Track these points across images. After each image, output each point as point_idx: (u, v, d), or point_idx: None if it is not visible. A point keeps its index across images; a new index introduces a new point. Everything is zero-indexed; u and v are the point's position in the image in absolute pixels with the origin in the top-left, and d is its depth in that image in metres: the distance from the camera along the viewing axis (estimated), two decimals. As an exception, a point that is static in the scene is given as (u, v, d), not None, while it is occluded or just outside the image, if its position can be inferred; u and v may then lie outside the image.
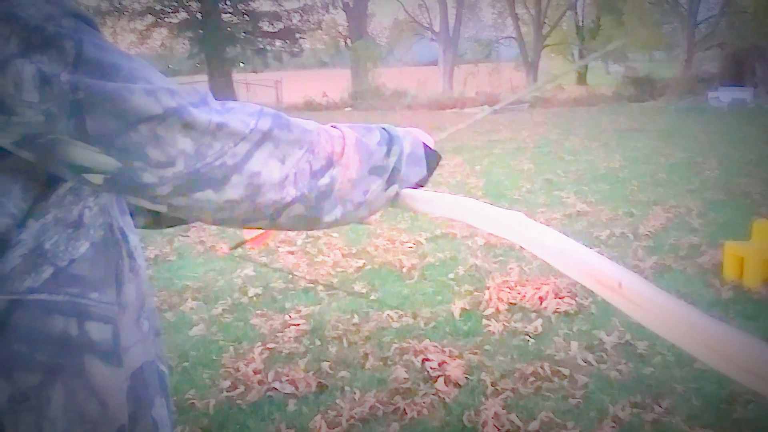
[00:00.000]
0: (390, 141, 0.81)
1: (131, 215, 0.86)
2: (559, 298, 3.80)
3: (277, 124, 0.69)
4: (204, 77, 25.73)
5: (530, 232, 0.70)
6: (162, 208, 0.68)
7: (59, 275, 0.69)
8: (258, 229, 0.99)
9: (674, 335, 0.51)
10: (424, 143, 0.89)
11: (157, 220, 1.07)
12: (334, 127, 0.78)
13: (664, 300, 0.53)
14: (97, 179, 0.64)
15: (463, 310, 3.80)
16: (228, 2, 25.80)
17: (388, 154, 0.80)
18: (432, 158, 0.91)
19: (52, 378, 0.70)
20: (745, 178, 7.38)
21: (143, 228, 1.00)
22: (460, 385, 2.96)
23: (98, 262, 0.73)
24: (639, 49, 33.11)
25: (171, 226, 1.14)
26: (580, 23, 34.03)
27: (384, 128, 0.83)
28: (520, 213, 0.72)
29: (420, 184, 0.91)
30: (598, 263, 0.61)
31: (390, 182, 0.80)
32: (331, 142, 0.74)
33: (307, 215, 0.73)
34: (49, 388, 0.69)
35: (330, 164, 0.73)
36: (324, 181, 0.72)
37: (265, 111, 0.69)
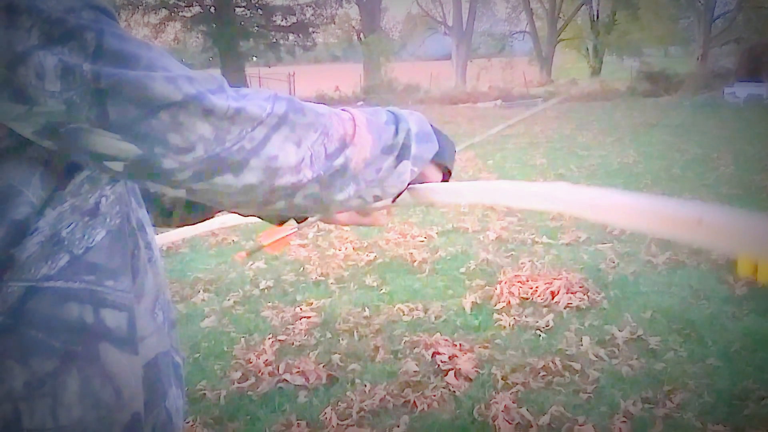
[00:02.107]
0: (396, 120, 0.82)
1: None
2: (571, 293, 3.78)
3: (292, 108, 0.70)
4: (217, 71, 25.82)
5: (581, 196, 0.67)
6: (181, 193, 0.69)
7: (75, 263, 0.70)
8: (273, 219, 1.00)
9: None
10: (432, 126, 0.90)
11: (167, 219, 1.08)
12: (343, 110, 0.79)
13: (752, 222, 0.52)
14: (117, 166, 0.65)
15: (474, 304, 3.79)
16: (241, -4, 25.84)
17: (396, 132, 0.80)
18: (446, 142, 0.91)
19: (68, 365, 0.70)
20: (760, 173, 7.31)
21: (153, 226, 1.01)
22: (470, 378, 2.95)
23: (114, 250, 0.74)
24: (654, 43, 32.87)
25: (181, 226, 1.15)
26: (595, 18, 33.74)
27: (389, 110, 0.85)
28: (564, 183, 0.70)
29: (445, 166, 0.93)
30: (672, 206, 0.58)
31: (400, 158, 0.80)
32: (342, 124, 0.75)
33: (320, 194, 0.74)
34: (64, 374, 0.70)
35: (344, 145, 0.74)
36: (339, 161, 0.73)
37: (279, 96, 0.70)
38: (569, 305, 3.69)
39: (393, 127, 0.80)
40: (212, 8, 25.22)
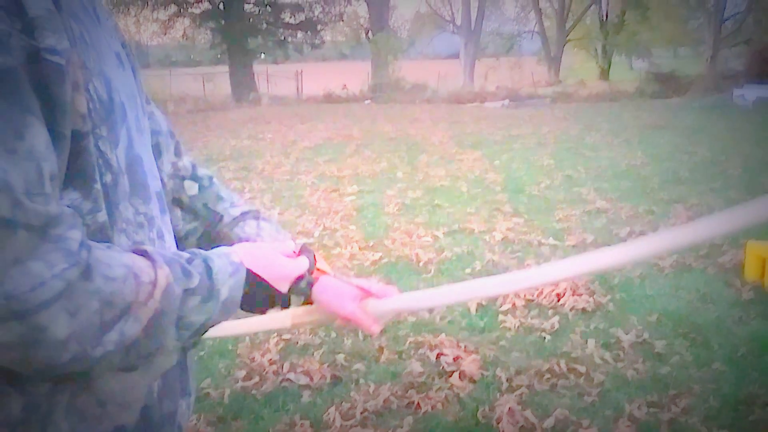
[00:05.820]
0: (209, 291, 0.76)
1: None
2: (577, 296, 3.77)
3: (82, 272, 0.61)
4: (225, 68, 25.85)
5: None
6: None
7: None
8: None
9: None
10: (256, 275, 0.84)
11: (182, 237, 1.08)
12: (152, 260, 0.70)
13: None
14: None
15: (479, 305, 3.78)
16: (250, -7, 25.86)
17: (201, 308, 0.75)
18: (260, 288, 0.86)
19: (61, 385, 0.71)
20: (769, 177, 7.26)
21: None
22: (474, 380, 2.95)
23: None
24: (664, 44, 32.71)
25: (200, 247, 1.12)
26: (604, 18, 33.60)
27: (209, 269, 0.77)
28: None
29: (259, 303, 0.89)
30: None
31: (192, 335, 0.76)
32: (136, 289, 0.67)
33: (80, 365, 0.65)
34: (58, 394, 0.71)
35: (125, 315, 0.66)
36: (111, 337, 0.65)
37: (75, 257, 0.61)
38: (575, 307, 3.68)
39: (197, 299, 0.74)
40: (221, 5, 25.25)
